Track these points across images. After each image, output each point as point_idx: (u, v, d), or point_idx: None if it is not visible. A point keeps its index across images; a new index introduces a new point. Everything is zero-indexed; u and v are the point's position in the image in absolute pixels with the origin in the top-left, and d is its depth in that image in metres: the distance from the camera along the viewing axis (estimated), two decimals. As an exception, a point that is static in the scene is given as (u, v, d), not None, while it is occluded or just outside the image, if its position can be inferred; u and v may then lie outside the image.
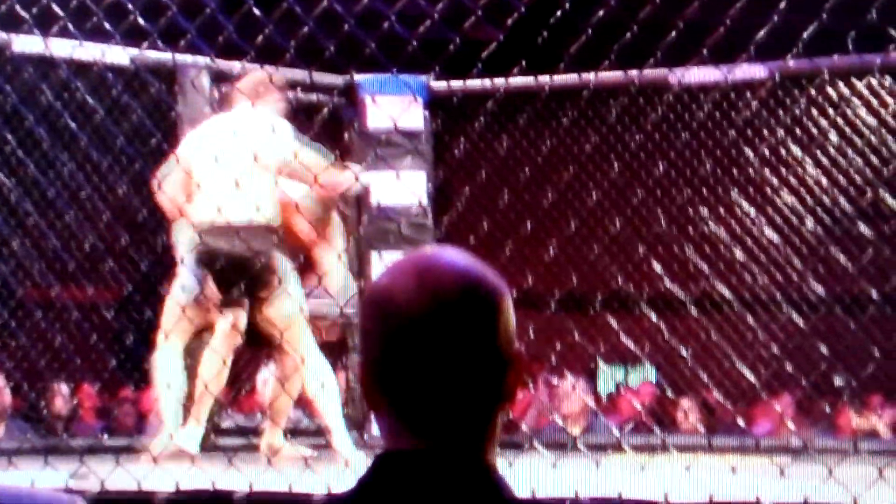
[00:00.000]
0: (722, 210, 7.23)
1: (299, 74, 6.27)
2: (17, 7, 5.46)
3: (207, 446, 5.96)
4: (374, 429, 6.89)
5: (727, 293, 6.99)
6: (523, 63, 5.10)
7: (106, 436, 6.10)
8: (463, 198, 6.55)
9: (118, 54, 6.26)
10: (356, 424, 7.11)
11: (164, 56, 6.34)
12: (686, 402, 7.78)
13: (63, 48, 6.00)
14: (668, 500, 3.65)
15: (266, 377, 6.60)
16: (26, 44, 6.11)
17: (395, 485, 1.43)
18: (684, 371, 7.14)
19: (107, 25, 5.31)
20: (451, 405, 1.44)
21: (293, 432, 6.22)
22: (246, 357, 6.46)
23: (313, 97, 6.76)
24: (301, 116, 6.39)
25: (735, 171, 7.29)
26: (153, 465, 4.77)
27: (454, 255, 1.49)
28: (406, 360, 1.43)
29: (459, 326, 1.44)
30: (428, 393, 1.44)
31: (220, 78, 6.65)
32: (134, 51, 6.16)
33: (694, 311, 6.66)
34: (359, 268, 7.11)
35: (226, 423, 6.68)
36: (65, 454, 5.18)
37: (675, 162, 7.30)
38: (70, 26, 5.39)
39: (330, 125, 6.67)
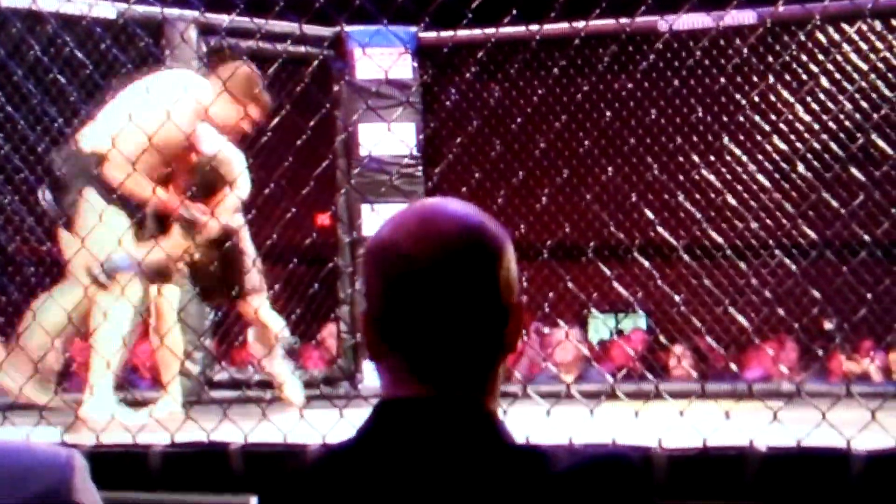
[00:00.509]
0: (713, 156, 7.22)
1: (288, 26, 6.23)
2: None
3: (203, 399, 5.99)
4: (366, 379, 6.92)
5: (719, 239, 6.99)
6: (513, 11, 5.06)
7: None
8: (454, 148, 6.54)
9: (106, 8, 6.23)
10: (347, 375, 7.14)
11: (153, 10, 6.31)
12: (678, 349, 7.81)
13: (50, 2, 5.96)
14: (662, 446, 3.67)
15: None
16: (13, -2, 6.08)
17: (396, 431, 1.44)
18: (676, 318, 7.16)
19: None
20: (454, 353, 1.45)
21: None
22: (237, 310, 6.45)
23: (302, 49, 6.72)
24: (290, 68, 6.37)
25: (726, 117, 7.28)
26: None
27: (455, 205, 1.50)
28: (409, 309, 1.44)
29: (462, 275, 1.44)
30: (430, 341, 1.44)
31: (208, 31, 6.62)
32: (122, 4, 6.12)
33: (685, 258, 6.66)
34: (349, 219, 7.12)
35: (219, 376, 6.70)
36: (59, 409, 5.17)
37: (665, 109, 7.28)
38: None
39: (319, 77, 6.64)
